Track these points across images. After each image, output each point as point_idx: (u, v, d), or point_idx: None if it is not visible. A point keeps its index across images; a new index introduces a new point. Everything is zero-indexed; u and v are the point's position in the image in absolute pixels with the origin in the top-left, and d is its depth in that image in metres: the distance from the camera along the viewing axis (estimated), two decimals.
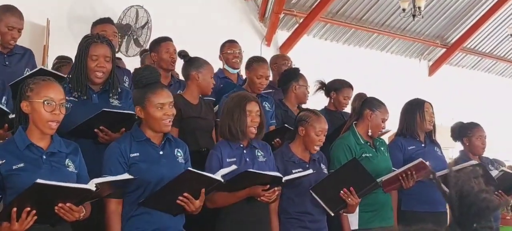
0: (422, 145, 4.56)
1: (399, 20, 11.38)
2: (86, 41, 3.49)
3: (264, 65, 4.66)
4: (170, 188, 3.09)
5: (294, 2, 10.34)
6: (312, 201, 3.86)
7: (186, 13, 8.82)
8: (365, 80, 9.38)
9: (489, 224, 1.53)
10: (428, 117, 4.57)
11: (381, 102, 4.40)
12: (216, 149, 3.58)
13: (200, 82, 4.10)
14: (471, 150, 4.85)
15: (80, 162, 2.98)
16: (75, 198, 2.72)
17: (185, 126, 3.30)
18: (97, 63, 3.44)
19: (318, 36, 11.26)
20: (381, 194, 4.25)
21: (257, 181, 3.48)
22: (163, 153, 3.25)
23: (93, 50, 3.45)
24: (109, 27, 4.50)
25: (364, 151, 4.27)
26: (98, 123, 3.34)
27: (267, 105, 4.69)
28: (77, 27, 7.26)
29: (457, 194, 1.54)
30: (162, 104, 3.18)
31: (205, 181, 3.18)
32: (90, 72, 3.44)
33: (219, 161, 3.49)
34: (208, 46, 6.74)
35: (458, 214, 1.53)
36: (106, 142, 3.37)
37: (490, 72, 14.60)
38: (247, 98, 3.62)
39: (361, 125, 4.35)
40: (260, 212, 3.63)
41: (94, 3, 7.89)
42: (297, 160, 3.88)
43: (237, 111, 3.55)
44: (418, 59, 13.10)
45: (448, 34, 12.81)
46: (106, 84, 3.54)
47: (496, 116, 13.35)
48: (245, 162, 3.53)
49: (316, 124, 3.87)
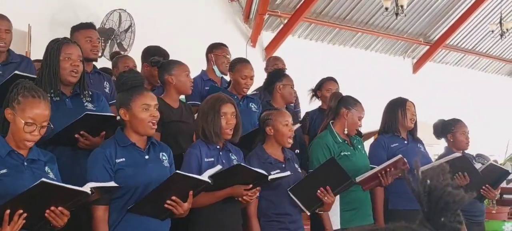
0: (404, 142, 4.59)
1: (383, 19, 11.44)
2: (57, 42, 3.44)
3: (248, 66, 4.65)
4: (158, 192, 3.07)
5: (278, 3, 10.36)
6: (291, 202, 3.86)
7: (169, 16, 8.80)
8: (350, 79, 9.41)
9: (457, 218, 1.55)
10: (410, 115, 4.59)
11: (356, 100, 4.42)
12: (194, 147, 3.54)
13: (175, 84, 4.06)
14: (455, 146, 4.88)
15: (57, 171, 2.97)
16: (69, 201, 2.71)
17: (167, 129, 3.27)
18: (72, 62, 3.40)
19: (303, 36, 11.30)
20: (361, 192, 4.27)
21: (242, 179, 3.47)
22: (148, 157, 3.22)
23: (66, 50, 3.41)
24: (94, 33, 4.43)
25: (342, 149, 4.29)
26: (79, 128, 3.30)
27: (253, 106, 4.68)
28: (60, 33, 7.11)
29: (424, 189, 1.56)
30: (148, 106, 3.16)
31: (193, 183, 3.17)
32: (64, 73, 3.39)
33: (198, 159, 3.47)
34: (193, 49, 6.74)
35: (426, 209, 1.56)
36: (86, 148, 3.32)
37: (473, 68, 14.72)
38: (221, 100, 3.58)
39: (338, 124, 4.37)
40: (235, 214, 3.61)
41: (77, 8, 7.85)
42: (273, 160, 3.87)
43: (211, 113, 3.53)
44: (402, 57, 13.17)
45: (431, 32, 12.90)
46: (76, 87, 3.49)
47: (480, 111, 13.46)
48: (222, 163, 3.51)
49: (280, 117, 3.88)
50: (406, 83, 12.04)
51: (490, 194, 4.91)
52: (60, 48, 3.40)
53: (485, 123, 13.07)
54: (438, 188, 1.55)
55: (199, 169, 3.39)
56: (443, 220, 1.54)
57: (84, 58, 4.08)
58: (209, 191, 3.39)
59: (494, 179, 4.96)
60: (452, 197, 1.54)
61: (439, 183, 1.56)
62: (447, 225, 1.54)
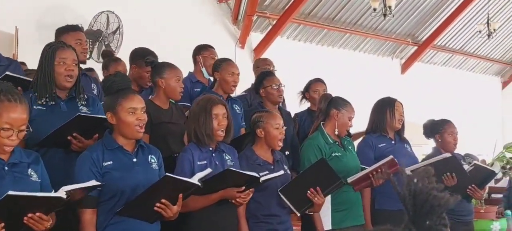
0: (392, 142, 4.60)
1: (371, 19, 11.48)
2: (51, 47, 3.42)
3: (233, 63, 4.67)
4: (148, 195, 3.05)
5: (266, 4, 10.36)
6: (279, 203, 3.85)
7: (158, 18, 8.78)
8: (339, 80, 9.44)
9: (443, 221, 1.56)
10: (398, 115, 4.60)
11: (346, 101, 4.43)
12: (186, 151, 3.51)
13: (164, 88, 4.05)
14: (443, 146, 4.89)
15: (42, 171, 2.91)
16: (45, 207, 2.67)
17: (156, 131, 3.26)
18: (66, 67, 3.38)
19: (291, 37, 11.31)
20: (352, 193, 4.28)
21: (234, 182, 3.47)
22: (136, 160, 3.20)
23: (61, 55, 3.38)
24: (83, 35, 4.41)
25: (333, 150, 4.30)
26: (72, 130, 3.29)
27: (237, 108, 4.68)
28: (47, 35, 7.09)
29: (410, 193, 1.57)
30: (134, 109, 3.14)
31: (183, 186, 3.15)
32: (59, 77, 3.37)
33: (191, 163, 3.45)
34: (181, 50, 6.72)
35: (411, 213, 1.58)
36: (79, 150, 3.30)
37: (461, 69, 14.80)
38: (213, 101, 3.57)
39: (328, 125, 4.38)
40: (229, 216, 3.61)
41: (64, 10, 7.80)
42: (262, 162, 3.86)
43: (202, 115, 3.51)
44: (390, 57, 13.22)
45: (419, 32, 12.95)
46: (72, 91, 3.47)
47: (467, 111, 13.54)
48: (215, 165, 3.50)
49: (271, 120, 3.87)
50: (395, 83, 12.09)
51: (476, 194, 4.92)
52: (54, 52, 3.37)
53: (473, 123, 13.15)
54: (423, 191, 1.56)
55: (192, 173, 3.37)
56: (429, 223, 1.55)
57: None
58: (202, 194, 3.38)
59: (481, 180, 4.98)
60: (437, 201, 1.55)
61: (424, 186, 1.57)
62: (432, 228, 1.55)
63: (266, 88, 4.87)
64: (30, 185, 2.77)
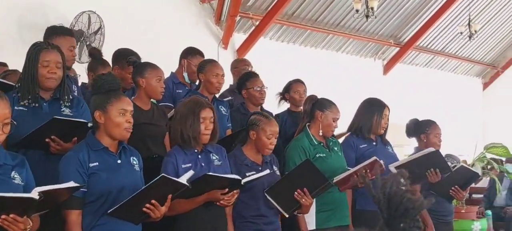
0: (373, 143, 4.62)
1: (353, 20, 11.52)
2: (36, 48, 3.40)
3: (217, 64, 4.68)
4: (141, 196, 3.05)
5: (249, 5, 10.36)
6: (266, 203, 3.86)
7: (140, 18, 8.74)
8: (322, 81, 9.48)
9: (417, 223, 1.59)
10: (384, 122, 4.62)
11: (331, 102, 4.45)
12: (170, 155, 3.52)
13: (145, 88, 4.06)
14: (427, 147, 4.91)
15: (27, 174, 2.89)
16: (19, 208, 2.64)
17: (136, 132, 3.25)
18: (49, 69, 3.36)
19: (274, 38, 11.32)
20: (337, 193, 4.29)
21: (216, 185, 3.46)
22: (121, 162, 3.20)
23: (45, 57, 3.36)
24: (75, 42, 4.39)
25: (318, 151, 4.32)
26: (49, 132, 3.26)
27: (223, 109, 4.69)
28: (28, 35, 7.10)
29: (384, 196, 1.60)
30: (125, 111, 3.14)
31: (174, 187, 3.16)
32: (42, 79, 3.36)
33: (175, 167, 3.45)
34: (164, 51, 6.70)
35: (386, 215, 1.61)
36: (57, 153, 3.28)
37: (442, 70, 14.90)
38: (201, 104, 3.57)
39: (313, 126, 4.41)
40: (217, 217, 3.62)
41: (45, 10, 7.74)
42: (250, 162, 3.87)
43: (190, 118, 3.50)
44: (373, 58, 13.28)
45: (401, 34, 13.03)
46: (57, 92, 3.45)
47: (449, 112, 13.64)
48: (201, 167, 3.51)
49: (267, 127, 3.87)
50: (377, 84, 12.14)
51: (458, 195, 4.96)
52: (38, 54, 3.35)
53: (454, 124, 13.24)
54: (397, 194, 1.59)
55: (176, 177, 3.37)
56: (403, 225, 1.58)
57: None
58: (187, 197, 3.39)
59: (464, 181, 5.02)
60: (411, 203, 1.58)
61: (398, 189, 1.59)
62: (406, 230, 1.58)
63: (249, 90, 4.88)
64: (12, 187, 2.75)
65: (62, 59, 3.44)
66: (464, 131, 13.90)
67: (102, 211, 3.10)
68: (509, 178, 8.20)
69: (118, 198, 3.10)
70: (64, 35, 4.23)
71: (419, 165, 4.54)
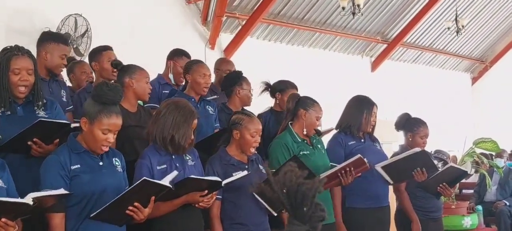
0: (361, 140, 4.60)
1: (340, 18, 11.53)
2: (6, 54, 3.31)
3: (204, 65, 4.66)
4: (124, 199, 3.04)
5: (235, 5, 10.34)
6: (255, 203, 3.83)
7: (127, 20, 8.70)
8: (309, 79, 9.48)
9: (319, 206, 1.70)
10: (373, 120, 4.60)
11: (314, 101, 4.45)
12: (144, 157, 3.47)
13: (134, 88, 4.06)
14: (412, 145, 4.90)
15: (8, 178, 2.88)
16: (11, 212, 2.64)
17: (123, 134, 3.22)
18: (20, 77, 3.29)
19: (261, 38, 11.31)
20: None
21: (195, 187, 3.45)
22: (103, 164, 3.19)
23: (15, 64, 3.28)
24: (68, 51, 4.37)
25: (302, 149, 4.31)
26: (32, 135, 3.22)
27: (210, 109, 4.67)
28: (16, 39, 6.96)
29: (282, 191, 1.70)
30: (109, 131, 3.12)
31: (157, 189, 3.15)
32: (12, 87, 3.29)
33: (149, 169, 3.41)
34: (152, 52, 6.66)
35: (289, 207, 1.70)
36: (39, 155, 3.25)
37: (430, 65, 14.94)
38: (194, 115, 3.56)
39: (296, 124, 4.40)
40: (195, 218, 3.59)
41: (32, 14, 7.68)
42: (236, 162, 3.85)
43: (185, 126, 3.48)
44: (360, 55, 13.29)
45: (388, 30, 13.05)
46: (29, 95, 3.39)
47: (438, 107, 13.69)
48: (176, 167, 3.48)
49: (250, 125, 3.85)
50: (365, 81, 12.15)
51: (446, 192, 4.96)
52: (8, 61, 3.27)
53: (443, 119, 13.29)
54: (292, 183, 1.69)
55: (151, 178, 3.33)
56: (305, 210, 1.68)
57: (49, 71, 4.01)
58: (165, 200, 3.37)
59: (453, 178, 5.03)
60: (305, 186, 1.69)
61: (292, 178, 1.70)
62: (311, 216, 1.68)
63: (244, 90, 4.89)
64: None
65: (33, 64, 3.36)
66: (453, 126, 13.95)
67: (86, 214, 3.09)
68: (499, 173, 8.25)
69: (100, 199, 3.08)
70: (57, 42, 4.19)
71: (406, 164, 4.53)
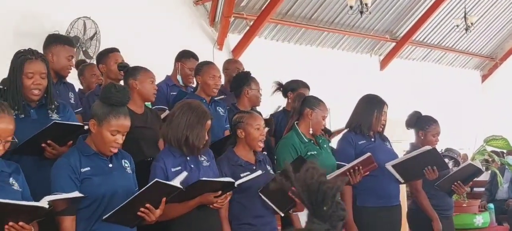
0: (371, 140, 4.57)
1: (348, 17, 11.50)
2: (20, 58, 3.35)
3: (214, 66, 4.67)
4: (136, 200, 3.05)
5: (243, 5, 10.34)
6: (263, 204, 3.83)
7: (135, 22, 8.73)
8: (318, 79, 9.44)
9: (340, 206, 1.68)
10: (383, 119, 4.58)
11: (320, 100, 4.43)
12: (158, 160, 3.49)
13: (139, 90, 4.06)
14: (423, 144, 4.87)
15: (23, 181, 2.91)
16: (27, 216, 2.66)
17: (129, 135, 3.24)
18: (33, 80, 3.32)
19: (269, 38, 11.30)
20: None
21: (209, 189, 3.45)
22: (112, 166, 3.20)
23: (28, 68, 3.32)
24: (74, 52, 4.42)
25: (309, 149, 4.29)
26: (47, 137, 3.25)
27: (220, 110, 4.67)
28: (25, 42, 6.98)
29: (302, 188, 1.68)
30: (117, 132, 3.13)
31: (168, 190, 3.15)
32: (26, 90, 3.34)
33: (164, 172, 3.42)
34: (160, 54, 6.68)
35: (310, 205, 1.68)
36: (52, 157, 3.27)
37: (440, 63, 14.87)
38: (208, 116, 3.55)
39: (302, 124, 4.38)
40: (211, 219, 3.59)
41: (41, 17, 7.72)
42: (243, 163, 3.84)
43: (198, 127, 3.48)
44: (369, 54, 13.26)
45: (396, 28, 13.01)
46: (42, 98, 3.43)
47: (447, 105, 13.62)
48: (191, 169, 3.48)
49: (251, 121, 3.85)
50: (374, 80, 12.12)
51: (460, 189, 4.94)
52: (22, 65, 3.32)
53: (453, 117, 13.23)
54: (313, 182, 1.67)
55: (166, 180, 3.34)
56: (326, 208, 1.66)
57: (57, 74, 4.04)
58: (179, 201, 3.37)
59: (466, 176, 5.00)
60: (327, 186, 1.67)
61: (313, 178, 1.68)
62: (332, 215, 1.66)
63: (253, 90, 4.89)
64: (12, 193, 2.77)
65: (46, 68, 3.40)
66: (463, 124, 13.89)
67: (96, 216, 3.10)
68: (510, 170, 8.19)
69: (111, 202, 3.09)
70: (63, 44, 4.23)
71: (416, 163, 4.51)
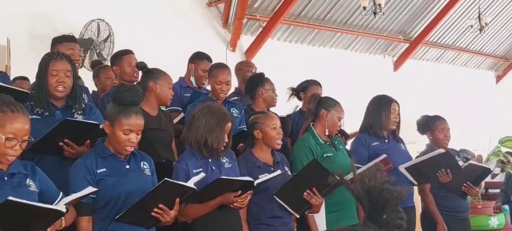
0: (385, 141, 4.57)
1: (361, 18, 11.47)
2: (47, 58, 3.50)
3: (224, 71, 4.62)
4: (147, 200, 3.06)
5: (256, 7, 10.34)
6: (280, 205, 3.84)
7: (149, 24, 8.76)
8: (331, 80, 9.43)
9: (399, 214, 1.60)
10: (393, 117, 4.57)
11: (335, 101, 4.42)
12: (181, 161, 3.52)
13: (158, 93, 4.08)
14: (435, 143, 4.87)
15: (41, 178, 2.93)
16: (45, 217, 2.68)
17: (144, 137, 3.26)
18: (57, 78, 3.44)
19: (282, 39, 11.29)
20: (346, 193, 4.23)
21: (229, 188, 3.45)
22: (129, 167, 3.23)
23: (53, 66, 3.45)
24: (76, 45, 4.50)
25: (325, 151, 4.29)
26: (61, 135, 3.30)
27: (235, 112, 4.67)
28: (39, 45, 7.08)
29: (363, 190, 1.63)
30: (130, 131, 3.16)
31: (180, 190, 3.17)
32: (50, 88, 3.45)
33: (186, 173, 3.44)
34: (173, 56, 6.70)
35: (367, 209, 1.63)
36: (71, 157, 3.32)
37: (454, 64, 14.80)
38: (228, 118, 3.56)
39: (318, 125, 4.37)
40: (233, 219, 3.61)
41: (54, 19, 7.77)
42: (261, 164, 3.86)
43: (218, 129, 3.49)
44: (383, 55, 13.21)
45: (410, 29, 12.95)
46: (69, 100, 3.52)
47: (462, 106, 13.55)
48: (212, 170, 3.50)
49: (267, 120, 3.88)
50: (388, 81, 12.07)
51: (471, 191, 4.91)
52: (48, 64, 3.45)
53: (467, 118, 13.16)
54: (376, 186, 1.61)
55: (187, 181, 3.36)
56: (385, 216, 1.60)
57: None
58: (200, 202, 3.40)
59: (475, 177, 4.97)
60: (390, 193, 1.60)
61: (377, 182, 1.62)
62: (389, 222, 1.60)
63: (268, 91, 4.90)
64: (29, 195, 2.80)
65: (72, 68, 3.52)
66: (478, 125, 13.81)
67: (112, 216, 3.12)
68: None
69: (126, 203, 3.12)
70: (61, 42, 4.40)
71: (430, 165, 4.50)
